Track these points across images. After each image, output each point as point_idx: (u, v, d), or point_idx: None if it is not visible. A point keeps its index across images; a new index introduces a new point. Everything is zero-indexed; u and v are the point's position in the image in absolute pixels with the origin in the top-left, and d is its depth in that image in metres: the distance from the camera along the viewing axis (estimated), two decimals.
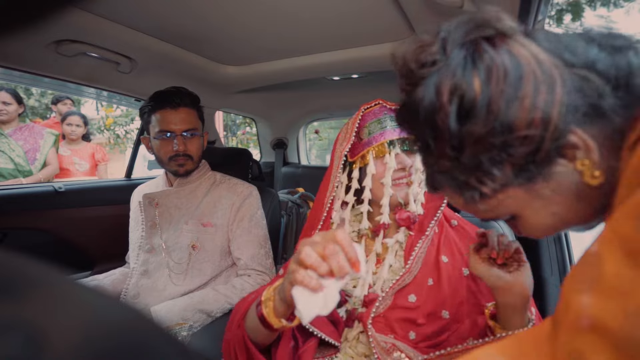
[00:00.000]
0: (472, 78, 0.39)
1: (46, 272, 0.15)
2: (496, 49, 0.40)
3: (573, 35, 0.43)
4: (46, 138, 2.45)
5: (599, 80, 0.38)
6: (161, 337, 0.17)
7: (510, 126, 0.38)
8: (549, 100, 0.37)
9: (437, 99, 0.41)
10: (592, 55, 0.39)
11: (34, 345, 0.12)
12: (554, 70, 0.38)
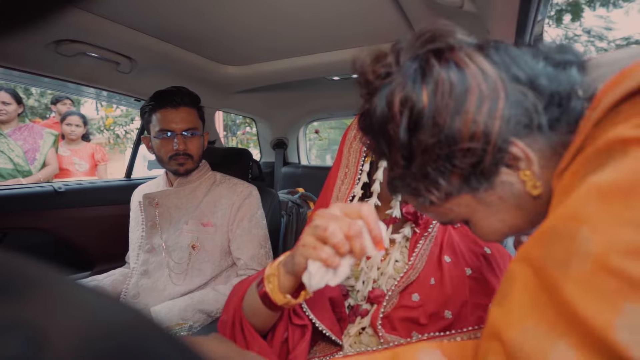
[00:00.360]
0: (421, 91, 0.41)
1: (46, 272, 0.15)
2: (445, 63, 0.41)
3: (524, 49, 0.44)
4: (46, 138, 2.44)
5: (533, 97, 0.40)
6: (161, 338, 0.17)
7: (454, 138, 0.40)
8: (491, 114, 0.39)
9: (389, 110, 0.42)
10: (537, 69, 0.41)
11: (34, 345, 0.12)
12: (499, 84, 0.40)
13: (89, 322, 0.14)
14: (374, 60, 0.46)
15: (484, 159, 0.40)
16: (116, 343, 0.14)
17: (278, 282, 0.57)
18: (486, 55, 0.42)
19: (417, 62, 0.42)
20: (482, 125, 0.39)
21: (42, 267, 0.15)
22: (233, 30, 1.20)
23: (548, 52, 0.43)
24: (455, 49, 0.42)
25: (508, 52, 0.43)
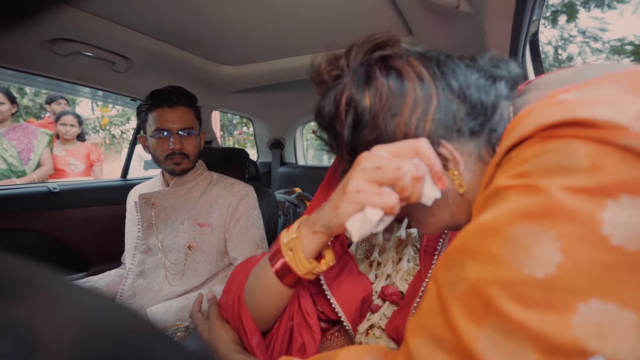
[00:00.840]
0: (364, 93, 0.46)
1: (41, 273, 0.15)
2: (386, 70, 0.46)
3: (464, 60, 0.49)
4: (40, 138, 2.43)
5: (461, 104, 0.44)
6: (157, 338, 0.17)
7: (390, 137, 0.44)
8: (423, 117, 0.44)
9: (336, 108, 0.47)
10: (470, 80, 0.45)
11: (27, 346, 0.11)
12: (432, 90, 0.44)
13: (84, 322, 0.14)
14: (328, 63, 0.51)
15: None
16: (112, 344, 0.14)
17: (301, 246, 0.50)
18: (426, 63, 0.47)
19: (364, 67, 0.47)
20: (414, 126, 0.44)
21: (37, 268, 0.15)
22: (230, 30, 1.19)
23: (484, 65, 0.48)
24: (397, 57, 0.47)
25: (447, 62, 0.47)
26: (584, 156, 0.29)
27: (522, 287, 0.29)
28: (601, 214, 0.28)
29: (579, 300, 0.27)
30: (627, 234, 0.27)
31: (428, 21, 1.03)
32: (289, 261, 0.51)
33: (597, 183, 0.29)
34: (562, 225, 0.29)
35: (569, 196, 0.29)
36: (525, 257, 0.30)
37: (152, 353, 0.15)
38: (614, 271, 0.27)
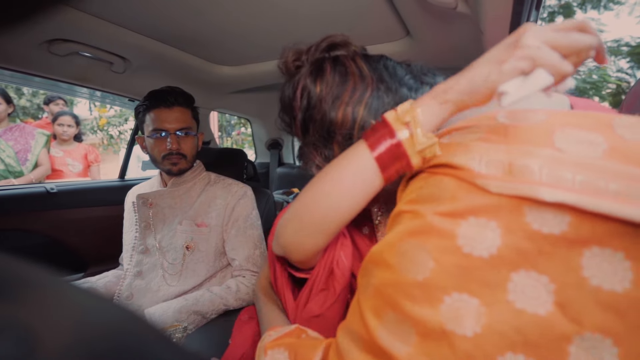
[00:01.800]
0: (315, 83, 0.58)
1: (40, 273, 0.15)
2: (335, 64, 0.59)
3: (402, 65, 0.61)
4: (37, 138, 2.42)
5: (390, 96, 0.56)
6: (156, 339, 0.17)
7: (332, 118, 0.56)
8: (359, 101, 0.56)
9: (293, 93, 0.60)
10: (404, 80, 0.58)
11: (26, 346, 0.12)
12: (369, 81, 0.57)
13: (83, 323, 0.14)
14: (294, 56, 0.63)
15: (353, 133, 0.56)
16: (110, 344, 0.14)
17: (421, 119, 0.44)
18: (368, 62, 0.59)
19: (319, 62, 0.59)
20: (351, 109, 0.56)
21: (36, 269, 0.15)
22: (228, 30, 1.19)
23: (415, 71, 0.61)
24: (346, 55, 0.60)
25: (386, 63, 0.60)
26: (449, 189, 0.39)
27: (409, 288, 0.39)
28: (457, 231, 0.38)
29: (445, 294, 0.37)
30: (473, 244, 0.37)
31: (426, 22, 1.04)
32: (404, 139, 0.44)
33: (455, 208, 0.38)
34: (433, 240, 0.38)
35: (438, 219, 0.39)
36: (410, 265, 0.39)
37: (150, 353, 0.15)
38: (466, 271, 0.37)
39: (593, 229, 0.34)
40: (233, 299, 1.12)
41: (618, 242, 0.33)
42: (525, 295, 0.34)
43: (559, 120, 0.39)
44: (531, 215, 0.36)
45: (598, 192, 0.34)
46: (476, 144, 0.40)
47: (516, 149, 0.38)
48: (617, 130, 0.38)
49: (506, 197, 0.36)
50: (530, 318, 0.34)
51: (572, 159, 0.36)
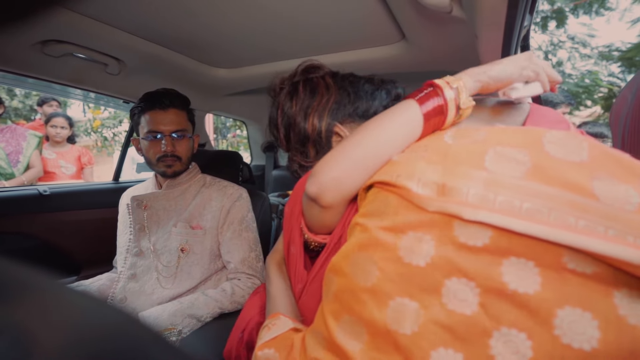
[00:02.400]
0: (291, 102, 0.73)
1: (36, 275, 0.15)
2: (306, 85, 0.73)
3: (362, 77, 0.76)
4: (29, 140, 2.39)
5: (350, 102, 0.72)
6: (153, 340, 0.17)
7: (303, 131, 0.71)
8: (324, 109, 0.71)
9: (276, 111, 0.75)
10: (364, 88, 0.73)
11: (22, 348, 0.11)
12: (333, 90, 0.72)
13: (80, 324, 0.14)
14: (279, 81, 0.77)
15: (322, 135, 0.70)
16: (107, 346, 0.14)
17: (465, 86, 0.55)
18: (335, 78, 0.74)
19: (295, 84, 0.74)
20: (318, 116, 0.70)
21: (31, 271, 0.15)
22: (224, 33, 1.19)
23: (377, 81, 0.75)
24: (316, 76, 0.74)
25: (351, 77, 0.76)
26: (392, 206, 0.46)
27: (360, 293, 0.44)
28: (398, 243, 0.44)
29: (389, 299, 0.43)
30: (412, 255, 0.43)
31: (421, 25, 1.05)
32: (449, 100, 0.54)
33: (396, 223, 0.45)
34: (378, 252, 0.44)
35: (382, 233, 0.45)
36: (361, 274, 0.45)
37: (147, 355, 0.15)
38: (407, 278, 0.42)
39: (510, 242, 0.40)
40: (228, 302, 1.11)
41: (530, 253, 0.40)
42: (456, 298, 0.41)
43: (494, 138, 0.47)
44: (459, 230, 0.42)
45: (513, 212, 0.40)
46: (419, 164, 0.47)
47: (451, 170, 0.45)
48: (545, 147, 0.44)
49: (439, 214, 0.43)
50: (458, 317, 0.40)
51: (497, 180, 0.42)
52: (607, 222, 0.38)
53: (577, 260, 0.38)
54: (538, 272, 0.39)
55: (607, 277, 0.38)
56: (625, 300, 0.37)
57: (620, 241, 0.37)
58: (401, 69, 1.38)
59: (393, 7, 0.98)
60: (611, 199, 0.39)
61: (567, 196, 0.40)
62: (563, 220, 0.39)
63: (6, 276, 0.14)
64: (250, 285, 1.16)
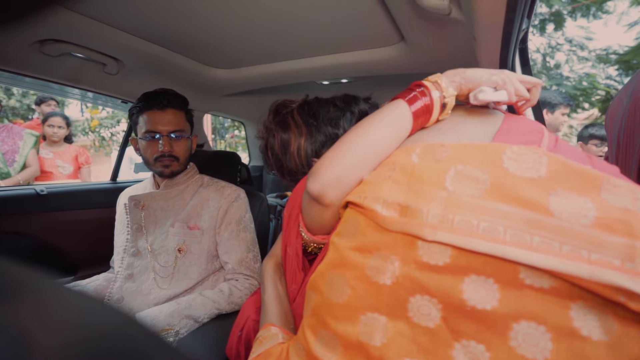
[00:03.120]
0: (274, 139, 0.82)
1: (33, 275, 0.15)
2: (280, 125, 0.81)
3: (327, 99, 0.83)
4: (26, 139, 2.38)
5: (321, 135, 0.78)
6: (150, 340, 0.17)
7: (288, 162, 0.81)
8: (300, 147, 0.78)
9: (265, 143, 0.85)
10: (327, 117, 0.79)
11: (20, 347, 0.11)
12: (303, 130, 0.79)
13: (78, 324, 0.14)
14: (267, 117, 0.85)
15: (300, 168, 0.79)
16: (105, 345, 0.14)
17: (446, 86, 0.60)
18: (302, 112, 0.81)
19: (272, 125, 0.83)
20: (296, 152, 0.79)
21: (30, 271, 0.15)
22: (223, 33, 1.19)
23: (340, 102, 0.81)
24: (286, 115, 0.82)
25: (315, 106, 0.81)
26: (360, 227, 0.49)
27: (334, 309, 0.48)
28: (366, 263, 0.46)
29: (360, 314, 0.46)
30: (378, 274, 0.45)
31: (420, 27, 1.05)
32: (435, 99, 0.58)
33: (364, 244, 0.47)
34: (349, 271, 0.48)
35: (351, 253, 0.48)
36: (334, 291, 0.48)
37: (145, 355, 0.15)
38: (374, 296, 0.45)
39: (469, 261, 0.42)
40: (226, 302, 1.11)
41: (489, 270, 0.41)
42: (419, 312, 0.44)
43: (456, 156, 0.49)
44: (422, 250, 0.44)
45: (471, 231, 0.42)
46: (385, 185, 0.49)
47: (414, 191, 0.47)
48: (504, 163, 0.46)
49: (401, 235, 0.45)
50: (422, 330, 0.43)
51: (456, 200, 0.44)
52: (562, 237, 0.39)
53: (534, 276, 0.40)
54: (497, 288, 0.41)
55: (563, 290, 0.39)
56: (581, 312, 0.38)
57: (574, 257, 0.38)
58: (400, 71, 1.38)
59: (392, 9, 0.98)
60: (567, 214, 0.40)
61: (523, 214, 0.41)
62: (519, 238, 0.40)
63: (3, 276, 0.14)
64: (247, 286, 1.16)
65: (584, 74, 5.02)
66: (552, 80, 5.27)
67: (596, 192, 0.42)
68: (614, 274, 0.36)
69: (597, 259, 0.38)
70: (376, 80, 1.63)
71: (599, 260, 0.37)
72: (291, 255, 0.69)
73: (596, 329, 0.38)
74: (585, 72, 5.05)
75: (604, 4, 4.38)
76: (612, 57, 4.72)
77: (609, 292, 0.37)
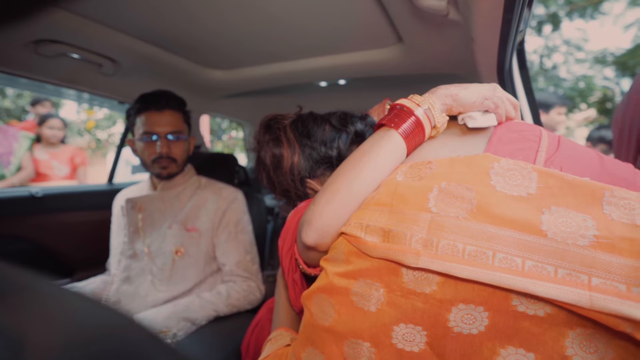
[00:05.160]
0: (265, 155, 0.78)
1: (30, 277, 0.15)
2: (272, 142, 0.77)
3: (322, 117, 0.80)
4: (21, 141, 2.36)
5: (314, 154, 0.74)
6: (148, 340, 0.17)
7: (280, 178, 0.77)
8: (292, 166, 0.75)
9: (258, 157, 0.81)
10: (324, 136, 0.75)
11: (15, 348, 0.11)
12: (297, 149, 0.75)
13: (74, 326, 0.14)
14: (259, 131, 0.82)
15: (297, 188, 0.76)
16: (103, 347, 0.14)
17: (435, 105, 0.56)
18: (295, 128, 0.77)
19: (264, 139, 0.79)
20: (289, 170, 0.75)
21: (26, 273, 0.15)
22: (220, 34, 1.19)
23: (335, 122, 0.77)
24: (279, 129, 0.78)
25: (309, 123, 0.77)
26: (345, 253, 0.47)
27: (320, 331, 0.48)
28: (351, 289, 0.45)
29: (345, 339, 0.46)
30: (363, 300, 0.45)
31: (418, 28, 1.05)
32: (422, 117, 0.54)
33: (349, 270, 0.46)
34: (334, 296, 0.47)
35: (337, 278, 0.47)
36: (321, 313, 0.48)
37: (144, 356, 0.15)
38: (359, 321, 0.45)
39: (456, 289, 0.40)
40: (223, 304, 1.10)
41: (478, 298, 0.39)
42: (404, 339, 0.43)
43: (441, 173, 0.47)
44: (407, 276, 0.42)
45: (456, 256, 0.39)
46: (369, 209, 0.48)
47: (396, 214, 0.45)
48: (491, 180, 0.44)
49: (385, 261, 0.43)
50: (407, 354, 0.43)
51: (439, 222, 0.42)
52: (557, 261, 0.36)
53: (528, 303, 0.37)
54: (487, 315, 0.39)
55: (561, 318, 0.36)
56: (577, 340, 0.35)
57: (572, 283, 0.34)
58: (397, 72, 1.38)
59: (390, 10, 0.98)
60: (561, 234, 0.37)
61: (513, 235, 0.38)
62: (509, 263, 0.37)
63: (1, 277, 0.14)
64: (245, 288, 1.15)
65: (581, 76, 5.05)
66: (550, 82, 5.30)
67: (597, 206, 0.38)
68: (619, 301, 0.32)
69: (599, 285, 0.34)
70: (374, 82, 1.63)
71: (601, 286, 0.33)
72: (296, 280, 0.67)
73: (591, 357, 0.35)
74: (583, 74, 5.08)
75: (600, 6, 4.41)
76: (609, 59, 4.75)
77: (614, 322, 0.33)
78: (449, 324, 0.40)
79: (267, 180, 0.80)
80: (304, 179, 0.75)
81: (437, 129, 0.57)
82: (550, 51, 5.34)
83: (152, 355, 0.16)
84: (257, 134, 0.81)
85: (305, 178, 0.75)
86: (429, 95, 0.57)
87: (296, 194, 0.77)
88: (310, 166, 0.74)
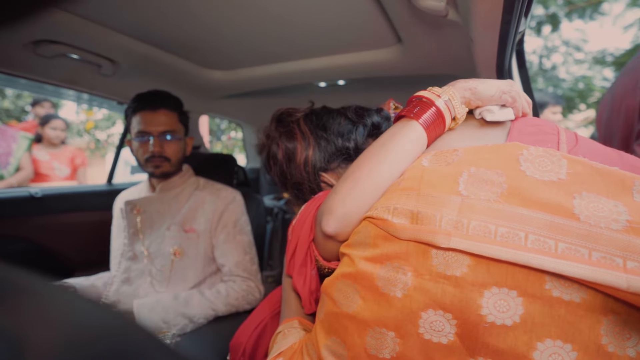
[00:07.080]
0: (278, 150, 0.76)
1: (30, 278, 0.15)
2: (285, 135, 0.75)
3: (337, 110, 0.77)
4: (20, 142, 2.36)
5: (329, 148, 0.73)
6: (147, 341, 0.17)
7: (293, 173, 0.75)
8: (307, 159, 0.73)
9: (267, 153, 0.79)
10: (340, 129, 0.74)
11: (15, 349, 0.11)
12: (311, 142, 0.73)
13: (74, 326, 0.14)
14: (264, 129, 0.80)
15: (310, 182, 0.74)
16: (102, 347, 0.14)
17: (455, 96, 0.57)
18: (309, 121, 0.75)
19: (276, 133, 0.77)
20: (302, 165, 0.73)
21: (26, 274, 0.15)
22: (219, 34, 1.19)
23: (351, 115, 0.75)
24: (292, 122, 0.76)
25: (324, 116, 0.76)
26: (371, 237, 0.46)
27: (343, 319, 0.47)
28: (376, 273, 0.44)
29: (369, 328, 0.45)
30: (389, 285, 0.43)
31: (417, 29, 1.05)
32: (443, 108, 0.54)
33: (375, 254, 0.45)
34: (359, 282, 0.46)
35: (363, 263, 0.46)
36: (345, 300, 0.47)
37: (144, 356, 0.15)
38: (384, 308, 0.44)
39: (489, 270, 0.39)
40: (222, 304, 1.10)
41: (511, 281, 0.38)
42: (432, 329, 0.41)
43: (469, 159, 0.47)
44: (437, 259, 0.41)
45: (488, 237, 0.39)
46: (395, 194, 0.48)
47: (425, 196, 0.45)
48: (521, 166, 0.44)
49: (414, 243, 0.43)
50: (435, 346, 0.41)
51: (470, 204, 0.41)
52: (591, 244, 0.36)
53: (562, 287, 0.36)
54: (521, 302, 0.38)
55: (596, 303, 0.36)
56: (610, 327, 0.35)
57: (607, 265, 0.35)
58: (397, 72, 1.38)
59: (389, 11, 0.98)
60: (594, 218, 0.37)
61: (545, 218, 0.38)
62: (542, 244, 0.37)
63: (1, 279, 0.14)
64: (245, 288, 1.15)
65: (581, 76, 5.06)
66: (549, 82, 5.30)
67: (628, 194, 0.38)
68: None
69: (635, 268, 0.33)
70: (373, 82, 1.63)
71: (637, 269, 0.33)
72: (312, 275, 0.65)
73: (625, 344, 0.35)
74: (582, 75, 5.09)
75: (599, 6, 4.41)
76: (608, 59, 4.75)
77: None
78: (481, 311, 0.38)
79: (279, 175, 0.78)
80: (318, 172, 0.73)
81: (456, 120, 0.57)
82: (549, 52, 5.35)
83: (152, 356, 0.16)
84: (267, 129, 0.79)
85: (319, 171, 0.73)
86: (449, 87, 0.57)
87: (309, 187, 0.75)
88: (326, 159, 0.73)
